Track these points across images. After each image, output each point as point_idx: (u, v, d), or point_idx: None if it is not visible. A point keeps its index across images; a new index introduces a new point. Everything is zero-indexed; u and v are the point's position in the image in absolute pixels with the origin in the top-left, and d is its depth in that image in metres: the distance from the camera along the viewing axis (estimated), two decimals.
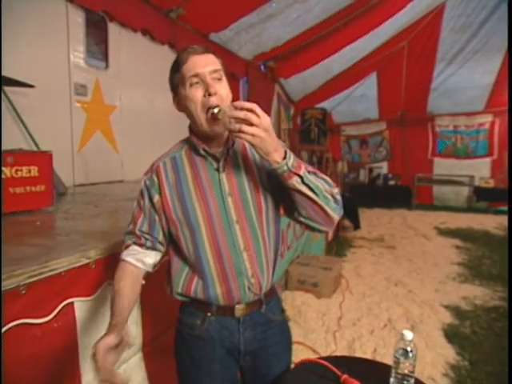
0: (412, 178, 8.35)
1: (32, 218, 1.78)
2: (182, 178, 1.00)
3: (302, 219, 0.97)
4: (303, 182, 0.88)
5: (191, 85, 0.93)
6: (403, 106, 8.22)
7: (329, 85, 7.31)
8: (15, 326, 0.98)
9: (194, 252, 1.00)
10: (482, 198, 7.66)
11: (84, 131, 3.37)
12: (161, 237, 1.03)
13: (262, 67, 6.23)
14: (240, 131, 0.81)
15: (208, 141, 0.98)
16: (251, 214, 1.00)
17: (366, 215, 6.66)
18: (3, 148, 1.82)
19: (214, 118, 0.91)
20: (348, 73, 6.97)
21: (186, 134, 1.06)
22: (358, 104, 8.31)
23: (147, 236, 1.02)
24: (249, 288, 1.02)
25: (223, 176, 0.99)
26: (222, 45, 4.75)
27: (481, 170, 7.93)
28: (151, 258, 1.03)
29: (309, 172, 0.90)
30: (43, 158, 1.97)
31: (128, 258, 1.01)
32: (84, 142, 3.37)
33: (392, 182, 8.59)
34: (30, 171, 1.86)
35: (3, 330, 0.95)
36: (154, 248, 1.03)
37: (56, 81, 3.09)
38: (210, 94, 0.91)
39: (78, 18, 3.20)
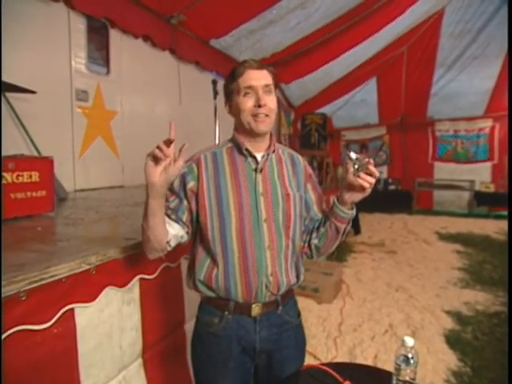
0: (412, 183, 8.34)
1: (33, 224, 1.79)
2: (221, 171, 1.09)
3: (313, 243, 1.17)
4: (345, 229, 1.13)
5: (245, 94, 1.06)
6: (403, 110, 8.25)
7: (329, 90, 7.36)
8: (15, 332, 0.98)
9: (220, 241, 1.07)
10: (483, 203, 7.64)
11: (85, 136, 3.38)
12: (185, 218, 1.11)
13: None
14: (361, 177, 1.05)
15: (251, 142, 1.10)
16: (279, 216, 1.08)
17: (366, 220, 6.65)
18: (4, 153, 1.82)
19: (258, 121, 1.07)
20: (348, 78, 7.01)
21: (186, 139, 1.06)
22: (358, 109, 8.36)
23: (173, 212, 1.11)
24: (266, 286, 1.07)
25: (259, 177, 1.09)
26: (222, 51, 4.78)
27: (481, 175, 7.92)
28: (174, 229, 1.09)
29: None
30: (44, 164, 1.98)
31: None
32: (85, 148, 3.39)
33: (392, 187, 8.58)
34: (30, 177, 1.87)
35: (3, 336, 0.94)
36: (177, 222, 1.11)
37: (57, 86, 3.11)
38: (259, 106, 1.04)
39: (79, 24, 3.23)
